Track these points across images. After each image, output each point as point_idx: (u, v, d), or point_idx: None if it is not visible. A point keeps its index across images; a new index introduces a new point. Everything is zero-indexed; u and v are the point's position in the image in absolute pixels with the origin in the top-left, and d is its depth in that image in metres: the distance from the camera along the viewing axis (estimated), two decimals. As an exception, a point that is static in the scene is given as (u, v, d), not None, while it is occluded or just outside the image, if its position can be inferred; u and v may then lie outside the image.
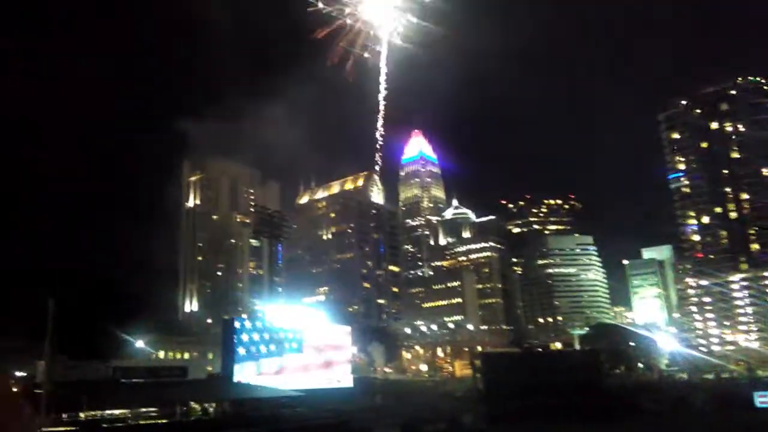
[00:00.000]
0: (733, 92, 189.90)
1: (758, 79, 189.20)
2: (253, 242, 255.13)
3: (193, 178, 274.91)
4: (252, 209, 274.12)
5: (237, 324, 65.87)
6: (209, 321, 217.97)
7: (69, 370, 53.14)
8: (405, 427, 51.93)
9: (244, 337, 63.42)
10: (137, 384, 55.09)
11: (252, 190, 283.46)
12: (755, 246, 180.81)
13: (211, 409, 55.20)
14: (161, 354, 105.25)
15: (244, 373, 61.10)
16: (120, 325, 70.71)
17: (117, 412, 49.90)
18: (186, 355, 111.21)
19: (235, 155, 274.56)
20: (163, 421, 49.02)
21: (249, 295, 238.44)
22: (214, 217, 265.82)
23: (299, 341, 70.47)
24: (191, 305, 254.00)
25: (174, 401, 51.34)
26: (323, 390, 68.97)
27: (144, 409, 51.24)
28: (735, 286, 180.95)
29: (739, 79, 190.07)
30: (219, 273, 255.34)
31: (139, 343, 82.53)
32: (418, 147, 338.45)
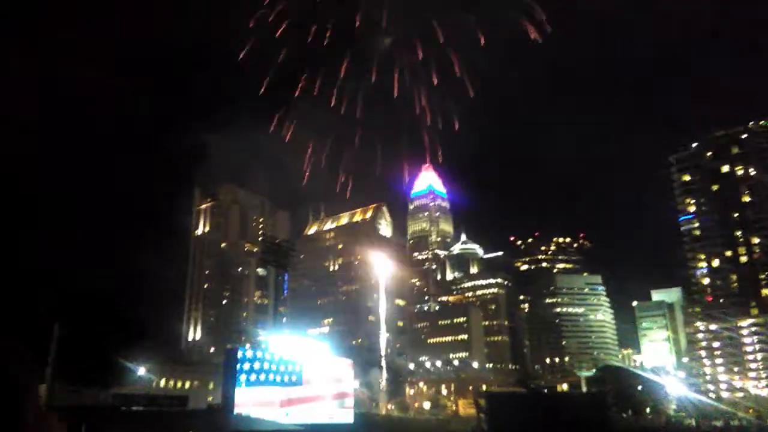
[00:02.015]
0: (745, 136, 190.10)
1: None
2: (260, 271, 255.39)
3: (203, 206, 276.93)
4: (260, 238, 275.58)
5: (239, 354, 65.32)
6: (212, 350, 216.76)
7: (69, 396, 52.83)
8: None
9: (246, 368, 62.83)
10: (136, 412, 54.60)
11: (261, 219, 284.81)
12: (766, 291, 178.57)
13: (209, 441, 54.51)
14: (162, 382, 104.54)
15: (244, 404, 60.40)
16: (122, 352, 70.42)
17: (115, 440, 49.35)
18: (187, 384, 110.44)
19: (246, 184, 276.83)
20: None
21: (253, 324, 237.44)
22: (223, 244, 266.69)
23: (301, 373, 69.73)
24: (195, 333, 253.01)
25: (173, 431, 50.76)
26: (324, 425, 67.94)
27: (142, 439, 50.67)
28: (745, 332, 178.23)
29: (751, 123, 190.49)
30: (224, 301, 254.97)
31: (141, 371, 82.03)
32: (427, 181, 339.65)
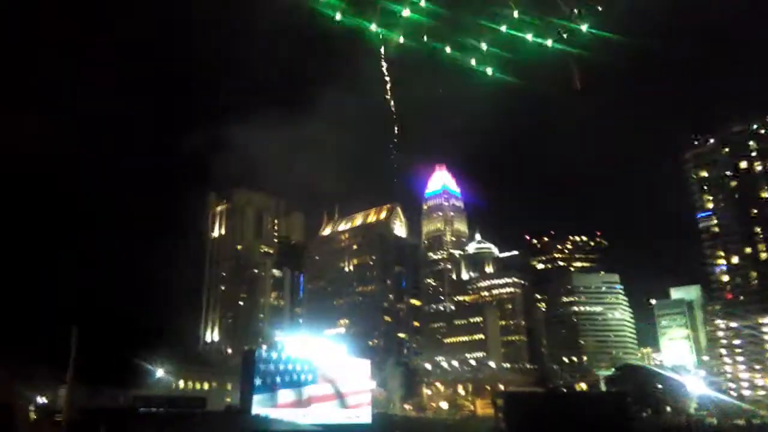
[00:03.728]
0: (762, 131, 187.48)
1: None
2: (276, 273, 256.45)
3: (218, 208, 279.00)
4: (276, 240, 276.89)
5: (257, 355, 65.57)
6: (229, 351, 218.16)
7: (89, 398, 53.44)
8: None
9: (264, 369, 63.03)
10: (156, 413, 55.04)
11: (276, 221, 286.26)
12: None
13: (228, 442, 54.81)
14: (181, 384, 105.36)
15: (262, 405, 60.59)
16: (141, 354, 71.05)
17: (135, 441, 49.79)
18: (205, 385, 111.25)
19: (260, 186, 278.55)
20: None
21: (270, 325, 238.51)
22: (238, 247, 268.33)
23: (318, 374, 69.85)
24: (212, 335, 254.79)
25: (191, 432, 51.12)
26: (341, 425, 68.00)
27: (162, 440, 51.08)
28: (766, 329, 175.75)
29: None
30: (241, 303, 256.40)
31: (159, 373, 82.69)
32: (441, 181, 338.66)
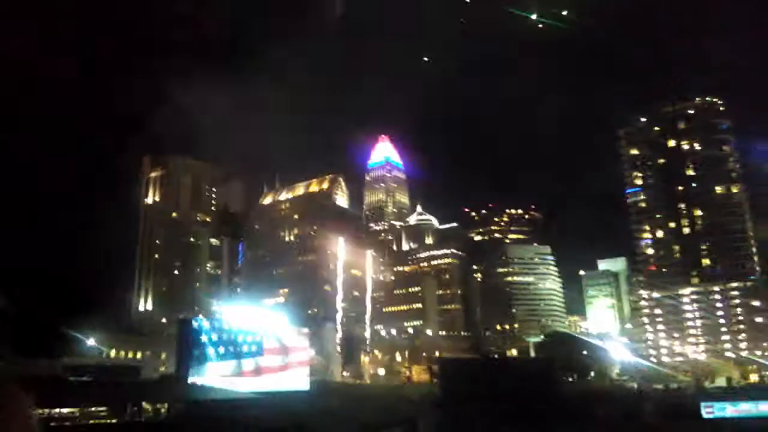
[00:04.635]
0: (691, 112, 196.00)
1: (715, 100, 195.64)
2: (213, 241, 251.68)
3: (153, 175, 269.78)
4: (213, 208, 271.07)
5: (194, 324, 64.75)
6: (164, 320, 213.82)
7: (16, 367, 51.48)
8: (362, 429, 51.90)
9: (201, 338, 62.38)
10: (88, 383, 53.84)
11: (214, 189, 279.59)
12: (706, 261, 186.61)
13: (163, 410, 54.23)
14: (113, 353, 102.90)
15: (199, 374, 60.08)
16: (71, 323, 68.67)
17: (66, 410, 48.52)
18: (138, 355, 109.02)
19: (198, 152, 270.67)
20: (113, 420, 47.93)
21: (206, 294, 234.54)
22: (174, 214, 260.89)
23: (257, 343, 69.71)
24: (146, 304, 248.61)
25: (125, 401, 50.26)
26: (280, 392, 68.32)
27: (94, 408, 50.00)
28: (685, 299, 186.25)
29: (697, 99, 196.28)
30: (176, 272, 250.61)
31: (90, 341, 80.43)
32: (384, 152, 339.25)
